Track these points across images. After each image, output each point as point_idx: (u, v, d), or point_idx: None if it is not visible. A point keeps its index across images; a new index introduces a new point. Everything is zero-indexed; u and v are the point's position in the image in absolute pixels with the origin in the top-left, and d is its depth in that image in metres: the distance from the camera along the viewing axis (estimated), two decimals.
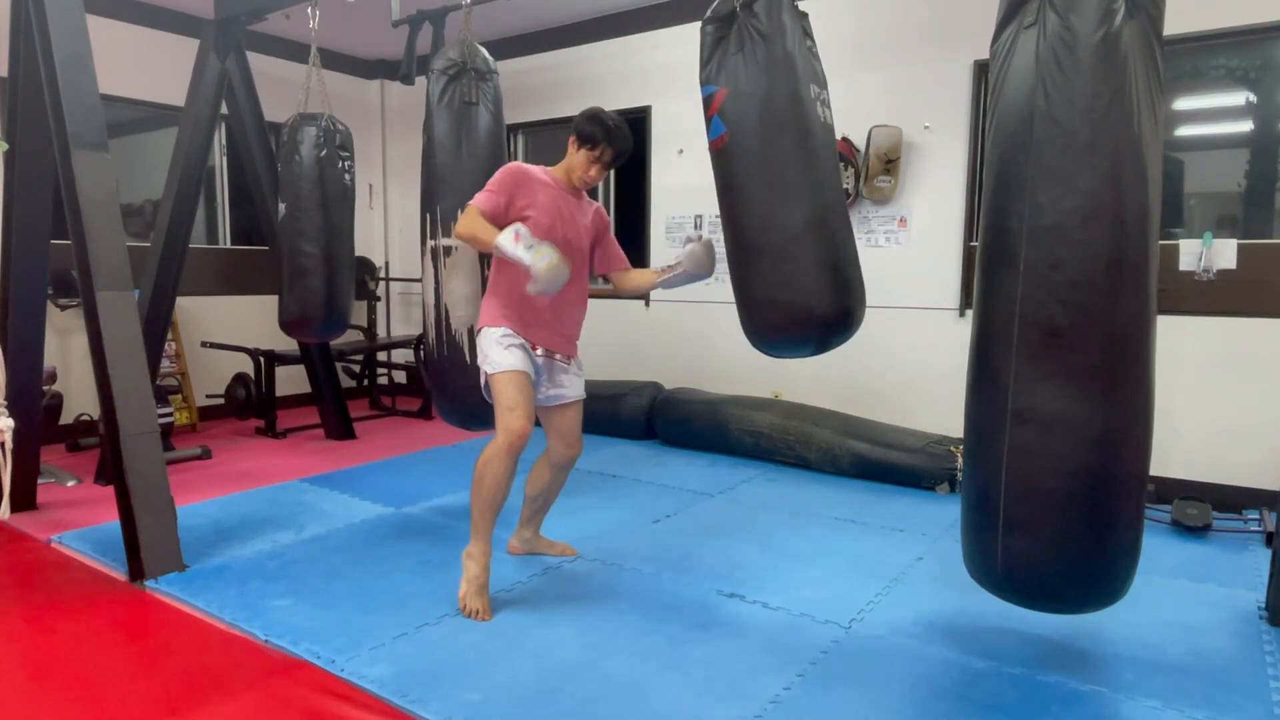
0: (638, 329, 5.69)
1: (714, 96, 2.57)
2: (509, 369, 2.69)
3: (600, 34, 5.67)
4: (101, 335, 3.01)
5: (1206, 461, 3.85)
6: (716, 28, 2.57)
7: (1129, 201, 1.87)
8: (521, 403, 2.66)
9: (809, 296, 2.53)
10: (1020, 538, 2.01)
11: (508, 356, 2.70)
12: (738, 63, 2.52)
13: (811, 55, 2.61)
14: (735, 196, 2.59)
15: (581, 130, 2.78)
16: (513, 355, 2.71)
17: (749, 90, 2.50)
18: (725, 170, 2.61)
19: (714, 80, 2.56)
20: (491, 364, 2.71)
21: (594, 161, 2.77)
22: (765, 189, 2.53)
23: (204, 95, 4.37)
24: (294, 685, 2.23)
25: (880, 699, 2.19)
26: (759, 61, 2.49)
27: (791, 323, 2.58)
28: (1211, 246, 3.77)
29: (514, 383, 2.68)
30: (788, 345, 2.68)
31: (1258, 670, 2.35)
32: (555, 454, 2.98)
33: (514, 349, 2.72)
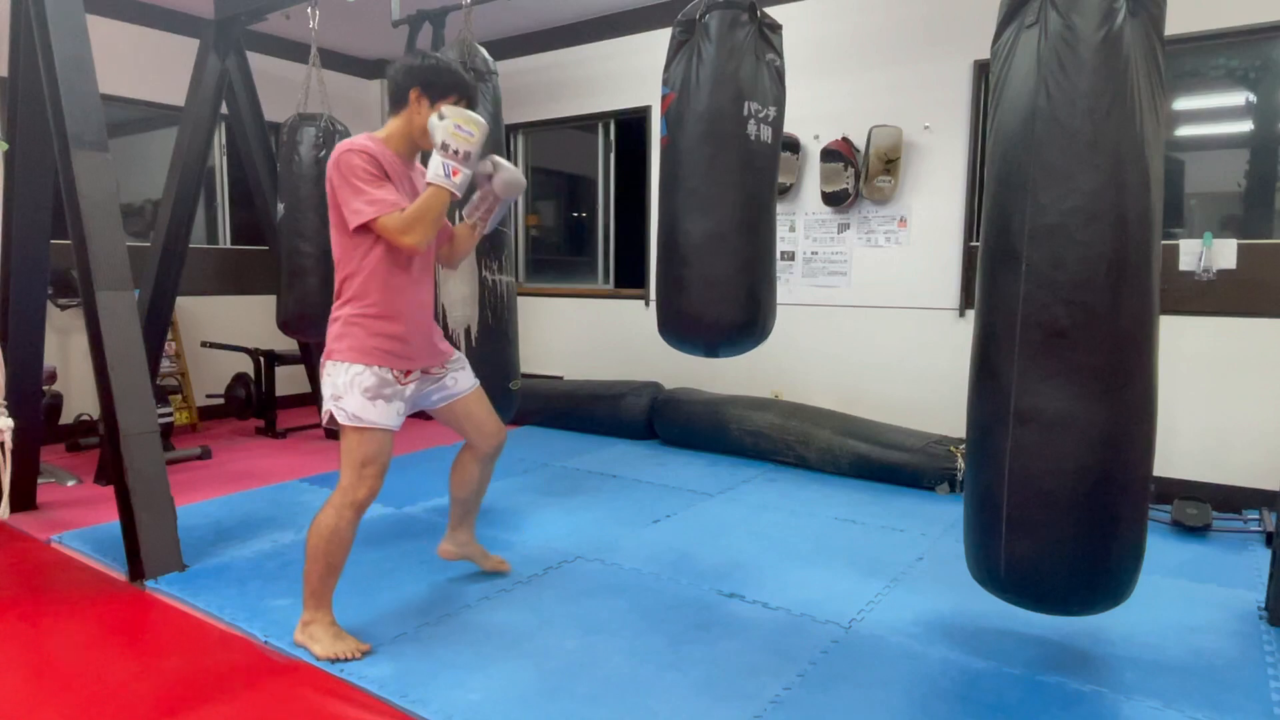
0: (638, 329, 5.69)
1: (665, 98, 2.69)
2: (371, 426, 2.34)
3: (600, 34, 5.67)
4: (101, 335, 3.01)
5: (1206, 461, 3.85)
6: (682, 30, 2.67)
7: (1131, 201, 1.87)
8: (378, 460, 2.37)
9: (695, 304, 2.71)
10: (1023, 539, 2.01)
11: (371, 411, 2.33)
12: (686, 70, 2.62)
13: (768, 71, 2.72)
14: (661, 196, 2.78)
15: (434, 81, 2.33)
16: (377, 410, 2.34)
17: (687, 98, 2.63)
18: (662, 170, 2.77)
19: (668, 82, 2.68)
20: (347, 415, 2.33)
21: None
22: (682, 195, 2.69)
23: (204, 95, 4.37)
24: (294, 685, 2.23)
25: (880, 699, 2.19)
26: (700, 74, 2.62)
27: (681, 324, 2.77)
28: (1211, 246, 3.77)
29: (374, 440, 2.36)
30: (680, 343, 2.85)
31: (1258, 670, 2.35)
32: (479, 448, 2.70)
33: (379, 402, 2.34)
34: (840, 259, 4.84)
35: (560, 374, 6.05)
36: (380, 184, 2.26)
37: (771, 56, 2.71)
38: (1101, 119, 1.86)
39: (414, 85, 2.34)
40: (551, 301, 6.11)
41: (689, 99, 2.62)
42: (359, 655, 2.36)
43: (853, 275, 4.81)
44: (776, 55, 2.74)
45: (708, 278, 2.68)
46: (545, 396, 5.61)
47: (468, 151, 2.24)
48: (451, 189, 2.24)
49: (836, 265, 4.86)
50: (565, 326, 6.04)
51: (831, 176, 4.69)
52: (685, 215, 2.68)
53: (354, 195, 2.24)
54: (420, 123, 2.34)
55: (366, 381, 2.34)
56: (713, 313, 2.70)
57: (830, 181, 4.70)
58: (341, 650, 2.35)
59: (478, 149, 2.26)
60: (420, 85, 2.34)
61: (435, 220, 2.27)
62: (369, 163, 2.25)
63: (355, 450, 2.37)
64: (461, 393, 2.62)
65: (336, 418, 2.36)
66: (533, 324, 5.95)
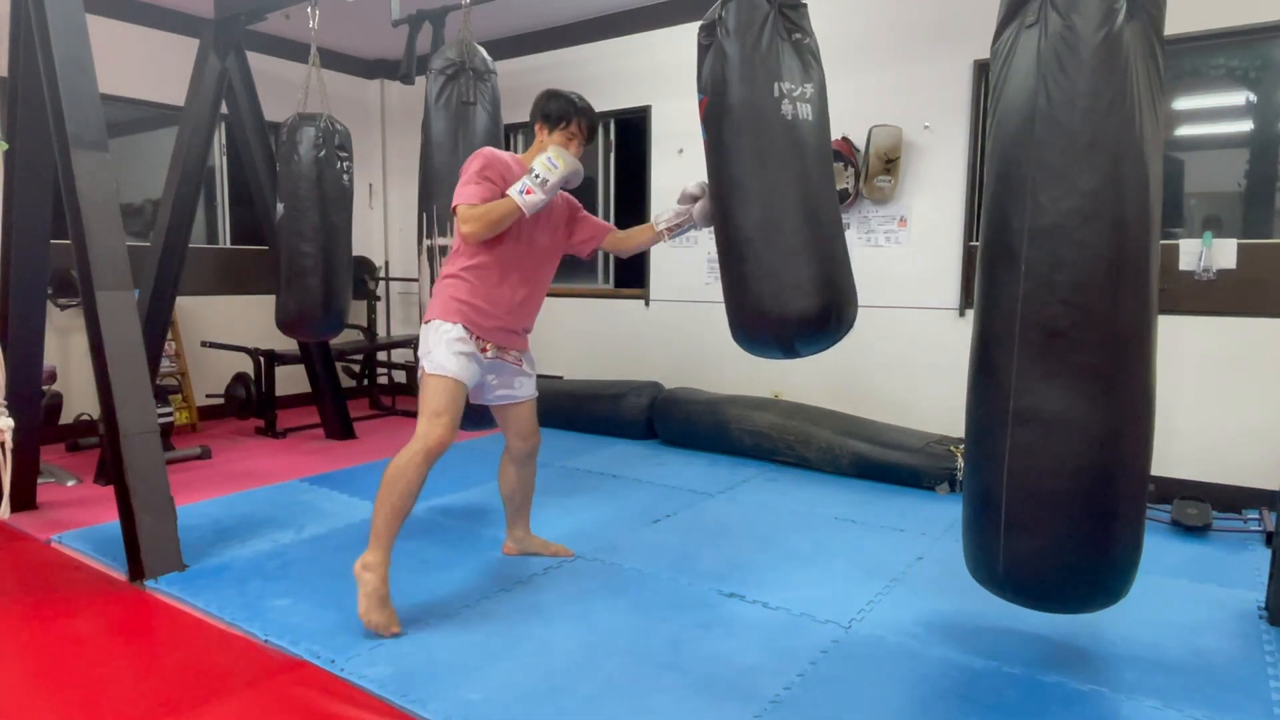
0: (638, 329, 5.69)
1: (701, 103, 2.62)
2: (449, 375, 2.58)
3: (600, 34, 5.67)
4: (101, 335, 3.01)
5: (1206, 461, 3.85)
6: (705, 35, 2.59)
7: (1130, 202, 1.87)
8: (450, 411, 2.56)
9: (759, 299, 2.47)
10: (1022, 538, 2.01)
11: (453, 362, 2.59)
12: (714, 70, 2.57)
13: (794, 50, 2.56)
14: (717, 206, 2.63)
15: (548, 111, 2.73)
16: (458, 362, 2.60)
17: (721, 98, 2.56)
18: (709, 176, 2.66)
19: (701, 89, 2.60)
20: (432, 363, 2.60)
21: (572, 139, 2.73)
22: (731, 191, 2.55)
23: (204, 95, 4.37)
24: (294, 685, 2.23)
25: (880, 699, 2.19)
26: (728, 70, 2.53)
27: (747, 323, 2.55)
28: (1211, 246, 3.77)
29: (449, 390, 2.58)
30: (756, 345, 2.61)
31: (1258, 670, 2.35)
32: (514, 449, 2.98)
33: (461, 356, 2.60)
34: None
35: (560, 374, 6.05)
36: (479, 181, 2.56)
37: (799, 35, 2.60)
38: (1101, 119, 1.85)
39: (536, 120, 2.75)
40: (551, 301, 6.07)
41: (722, 98, 2.53)
42: (387, 634, 2.47)
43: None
44: (803, 33, 2.59)
45: (767, 270, 2.46)
46: (545, 396, 5.56)
47: (546, 179, 2.54)
48: (520, 204, 2.52)
49: None
50: (565, 326, 6.04)
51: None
52: (738, 209, 2.51)
53: (460, 185, 2.60)
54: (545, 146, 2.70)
55: (451, 335, 2.60)
56: (778, 306, 2.45)
57: None
58: (376, 621, 2.48)
59: (557, 180, 2.55)
60: (540, 118, 2.75)
61: (495, 222, 2.54)
62: (487, 165, 2.58)
63: (432, 398, 2.57)
64: (521, 399, 2.91)
65: (424, 367, 2.61)
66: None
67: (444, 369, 2.58)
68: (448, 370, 2.58)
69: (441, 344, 2.60)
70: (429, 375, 2.59)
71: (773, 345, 2.55)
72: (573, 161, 2.59)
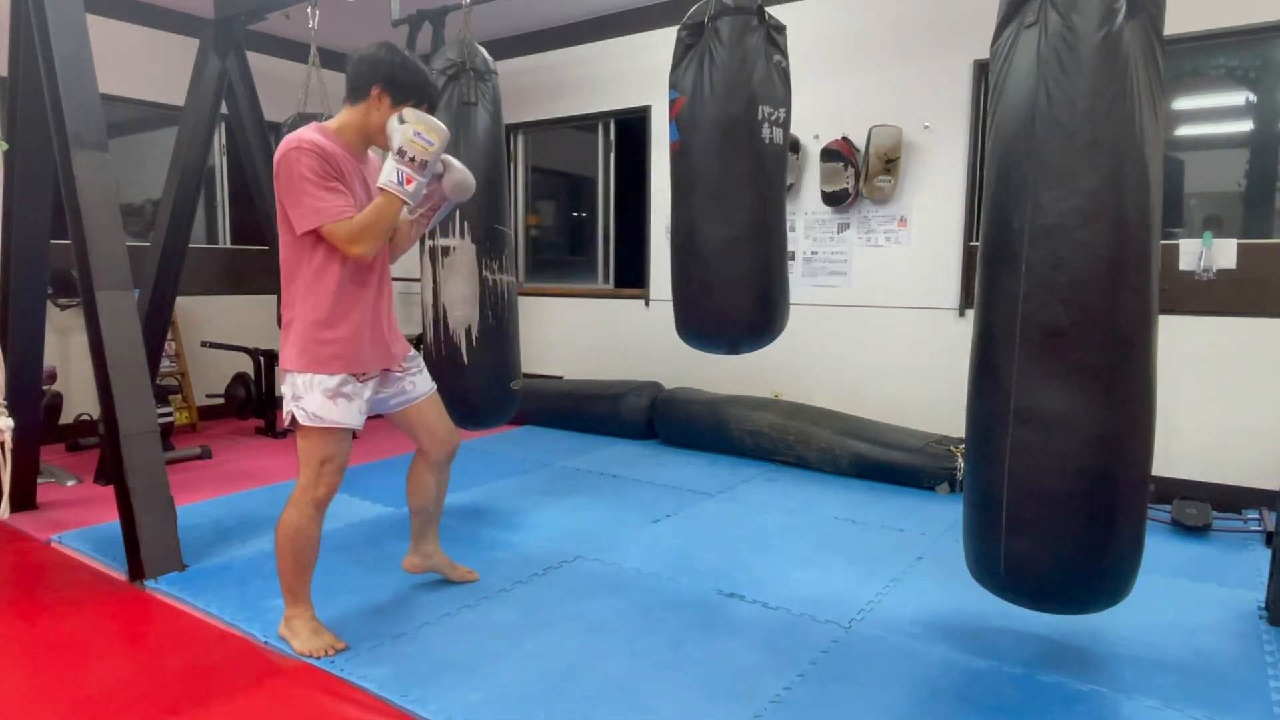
0: (638, 329, 5.69)
1: (675, 102, 2.70)
2: (329, 424, 2.31)
3: (600, 34, 5.67)
4: (101, 335, 3.01)
5: (1206, 461, 3.85)
6: (689, 34, 2.67)
7: (1130, 201, 1.87)
8: (336, 458, 2.36)
9: (718, 307, 2.78)
10: (1023, 538, 2.01)
11: (331, 410, 2.30)
12: (698, 75, 2.61)
13: (776, 74, 2.77)
14: (676, 200, 2.81)
15: (398, 79, 2.24)
16: (338, 408, 2.31)
17: (701, 104, 2.63)
18: (675, 174, 2.79)
19: (677, 86, 2.68)
20: (306, 415, 2.29)
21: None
22: (699, 200, 2.72)
23: (204, 95, 4.36)
24: (294, 685, 2.23)
25: (880, 699, 2.19)
26: (714, 79, 2.61)
27: (704, 326, 2.86)
28: (1211, 246, 3.77)
29: (331, 439, 2.33)
30: (702, 343, 2.94)
31: (1258, 670, 2.35)
32: (433, 453, 2.66)
33: (339, 399, 2.31)
34: (840, 259, 4.84)
35: (560, 374, 6.05)
36: (329, 186, 2.17)
37: (778, 58, 2.72)
38: (1101, 119, 1.86)
39: (377, 82, 2.24)
40: (551, 301, 6.11)
41: (702, 104, 2.63)
42: (333, 653, 2.38)
43: (853, 275, 4.81)
44: (783, 56, 2.76)
45: (729, 281, 2.76)
46: (545, 396, 5.61)
47: (424, 160, 2.17)
48: (404, 197, 2.18)
49: (836, 265, 4.86)
50: (565, 326, 6.04)
51: (831, 176, 4.69)
52: (705, 220, 2.73)
53: (301, 199, 2.16)
54: (377, 120, 2.26)
55: (326, 383, 2.30)
56: (735, 314, 2.79)
57: (830, 181, 4.70)
58: (316, 646, 2.38)
59: (435, 158, 2.20)
60: (383, 82, 2.24)
61: (386, 230, 2.21)
62: (318, 162, 2.16)
63: (315, 449, 2.34)
64: (418, 397, 2.58)
65: (297, 418, 2.31)
66: (533, 324, 5.95)
67: (322, 419, 2.30)
68: (327, 420, 2.30)
69: (315, 391, 2.29)
70: (307, 429, 2.31)
71: (722, 346, 2.93)
72: (441, 129, 2.18)
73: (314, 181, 2.16)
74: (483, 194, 3.32)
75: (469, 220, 3.32)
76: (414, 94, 2.27)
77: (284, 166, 2.18)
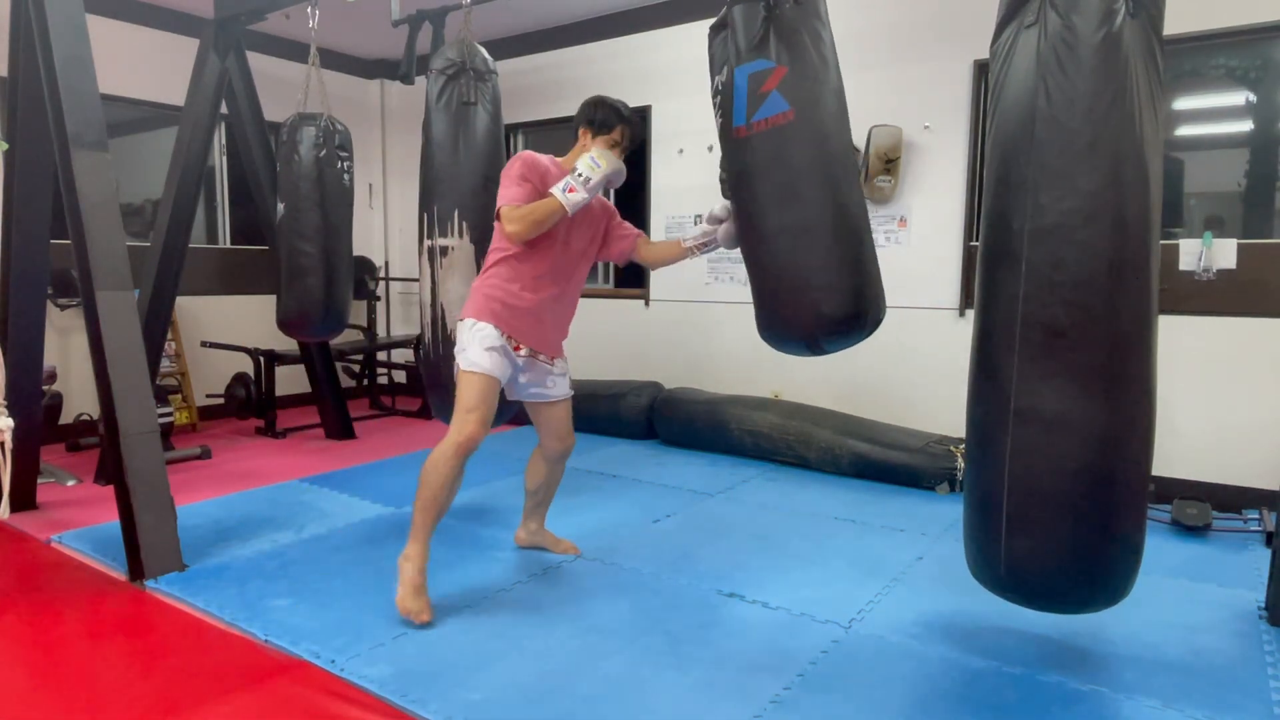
0: (638, 329, 5.69)
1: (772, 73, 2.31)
2: (482, 371, 2.63)
3: (600, 34, 5.67)
4: (101, 335, 3.01)
5: (1206, 461, 3.85)
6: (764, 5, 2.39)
7: (1130, 202, 1.87)
8: (482, 408, 2.61)
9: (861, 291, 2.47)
10: (1023, 538, 2.01)
11: (485, 359, 2.63)
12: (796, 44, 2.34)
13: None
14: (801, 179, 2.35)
15: (594, 117, 2.78)
16: (491, 358, 2.64)
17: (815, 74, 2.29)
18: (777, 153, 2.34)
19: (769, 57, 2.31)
20: (467, 360, 2.65)
21: (614, 145, 2.78)
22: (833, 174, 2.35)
23: (204, 95, 4.37)
24: (294, 685, 2.23)
25: (880, 699, 2.19)
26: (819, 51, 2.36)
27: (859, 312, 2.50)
28: (1211, 246, 3.77)
29: (481, 386, 2.63)
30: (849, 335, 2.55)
31: (1258, 670, 2.35)
32: (548, 448, 3.01)
33: (493, 352, 2.65)
34: None
35: None
36: (519, 183, 2.62)
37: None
38: (1101, 119, 1.85)
39: (581, 124, 2.80)
40: None
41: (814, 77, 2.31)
42: (418, 620, 2.53)
43: None
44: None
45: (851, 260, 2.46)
46: None
47: (589, 178, 2.60)
48: (564, 202, 2.58)
49: None
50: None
51: None
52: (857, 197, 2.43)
53: (503, 189, 2.65)
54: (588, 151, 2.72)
55: (483, 332, 2.65)
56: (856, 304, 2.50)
57: None
58: (410, 608, 2.55)
59: (600, 179, 2.61)
60: (585, 123, 2.80)
61: (539, 221, 2.59)
62: (526, 167, 2.65)
63: (465, 393, 2.62)
64: (555, 398, 2.93)
65: (458, 364, 2.65)
66: None
67: (476, 365, 2.62)
68: (480, 366, 2.62)
69: (475, 341, 2.65)
70: (463, 372, 2.64)
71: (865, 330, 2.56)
72: (615, 161, 2.65)
73: (513, 178, 2.65)
74: (481, 193, 3.32)
75: (467, 220, 3.31)
76: (606, 125, 2.78)
77: (506, 167, 2.71)
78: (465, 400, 2.62)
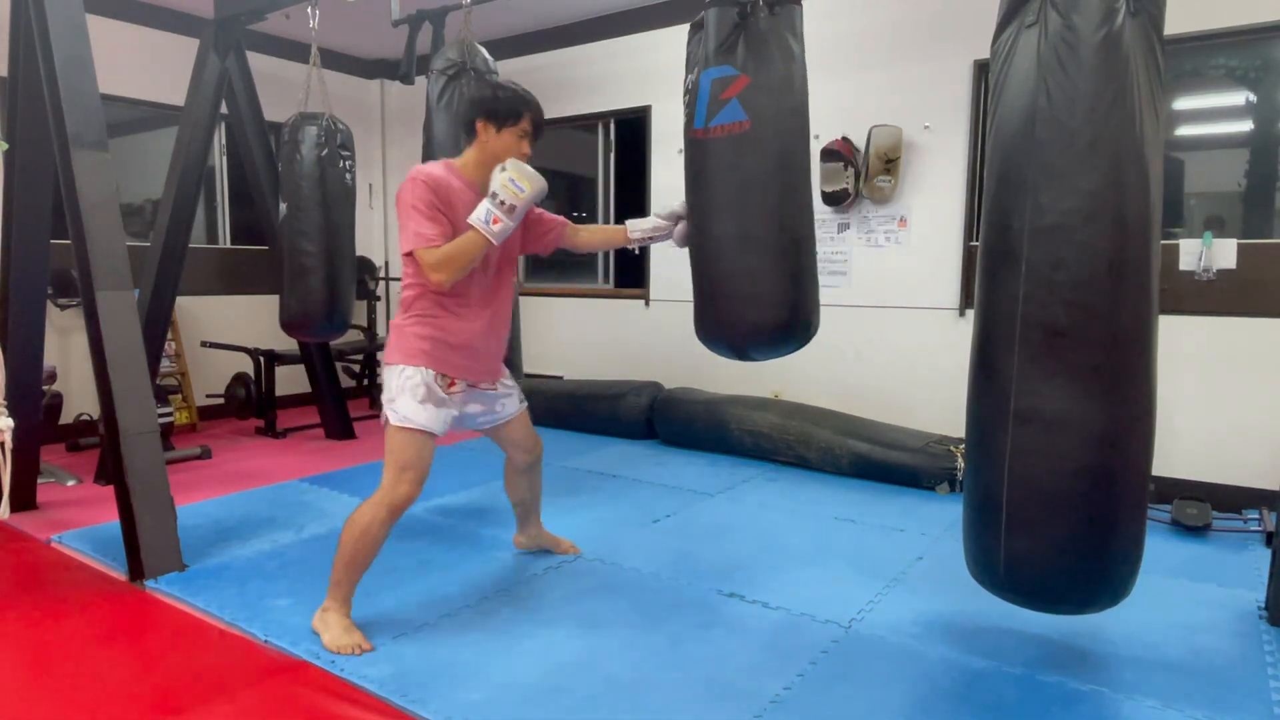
0: (638, 329, 5.69)
1: (734, 80, 2.38)
2: (417, 428, 2.41)
3: (600, 34, 5.67)
4: (101, 335, 3.01)
5: (1206, 461, 3.85)
6: (737, 12, 2.43)
7: (1131, 202, 1.87)
8: (418, 466, 2.43)
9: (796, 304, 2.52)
10: (1023, 538, 2.01)
11: (420, 413, 2.41)
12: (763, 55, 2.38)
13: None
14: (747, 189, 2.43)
15: (495, 108, 2.44)
16: (425, 412, 2.41)
17: (777, 87, 2.38)
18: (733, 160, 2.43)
19: (734, 65, 2.38)
20: (397, 414, 2.41)
21: (523, 137, 2.49)
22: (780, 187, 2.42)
23: (204, 95, 4.37)
24: (294, 685, 2.23)
25: (880, 699, 2.19)
26: (786, 65, 2.39)
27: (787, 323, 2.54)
28: (1211, 246, 3.77)
29: (417, 443, 2.42)
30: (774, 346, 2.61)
31: (1258, 670, 2.35)
32: (517, 461, 2.89)
33: (427, 405, 2.42)
34: (840, 259, 4.84)
35: (560, 374, 6.05)
36: (431, 216, 2.33)
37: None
38: (1101, 119, 1.85)
39: (478, 116, 2.46)
40: (551, 301, 6.11)
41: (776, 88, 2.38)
42: (359, 652, 2.38)
43: (853, 275, 4.81)
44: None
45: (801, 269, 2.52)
46: (545, 396, 5.60)
47: (513, 205, 2.32)
48: (489, 236, 2.31)
49: (836, 265, 4.85)
50: (565, 326, 6.04)
51: (831, 176, 4.69)
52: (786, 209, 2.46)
53: (406, 223, 2.36)
54: (494, 148, 2.46)
55: (417, 386, 2.42)
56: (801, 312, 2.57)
57: (830, 181, 4.70)
58: (345, 644, 2.40)
59: (524, 205, 2.34)
60: (484, 115, 2.46)
61: (467, 263, 2.35)
62: (428, 192, 2.34)
63: (398, 451, 2.43)
64: (506, 418, 2.76)
65: (389, 418, 2.44)
66: (533, 324, 5.95)
67: (410, 421, 2.41)
68: (414, 422, 2.41)
69: (406, 391, 2.42)
70: (394, 429, 2.42)
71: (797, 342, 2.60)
72: (537, 180, 2.35)
73: (421, 209, 2.33)
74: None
75: None
76: (512, 114, 2.46)
77: (400, 194, 2.39)
78: (400, 459, 2.41)
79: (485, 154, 2.48)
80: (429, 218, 2.33)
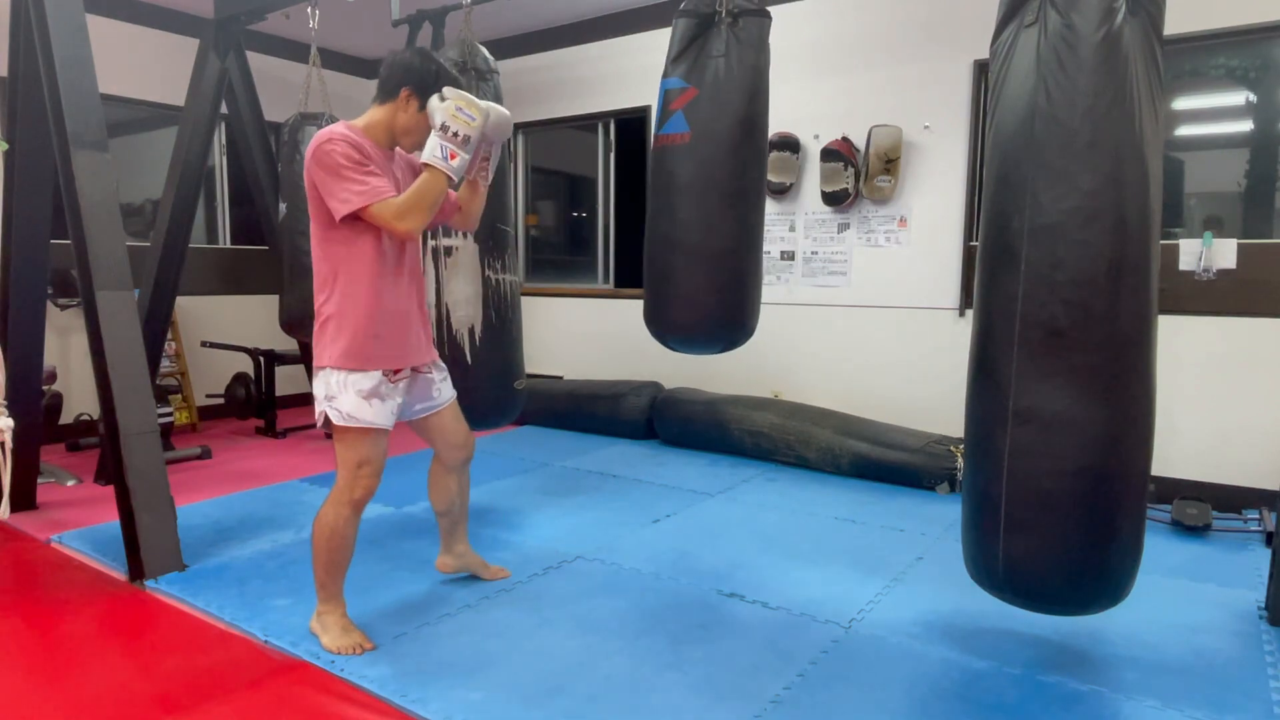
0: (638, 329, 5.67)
1: (682, 92, 2.57)
2: (365, 424, 2.32)
3: (600, 34, 5.67)
4: (101, 335, 3.01)
5: (1206, 461, 3.85)
6: (696, 24, 2.56)
7: (1130, 201, 1.87)
8: (373, 459, 2.36)
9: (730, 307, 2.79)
10: (1022, 538, 2.01)
11: (365, 409, 2.31)
12: (714, 68, 2.53)
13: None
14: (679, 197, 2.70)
15: (429, 85, 2.27)
16: (371, 408, 2.32)
17: (722, 101, 2.53)
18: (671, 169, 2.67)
19: (685, 77, 2.58)
20: (340, 415, 2.30)
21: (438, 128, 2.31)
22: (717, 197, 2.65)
23: (204, 95, 4.37)
24: (294, 685, 2.23)
25: (880, 699, 2.19)
26: (740, 77, 2.52)
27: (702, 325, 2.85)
28: (1211, 246, 3.77)
29: (368, 440, 2.34)
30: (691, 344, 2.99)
31: (1258, 670, 2.35)
32: (448, 458, 2.68)
33: (373, 399, 2.32)
34: (840, 259, 4.84)
35: (560, 374, 6.05)
36: (368, 171, 2.19)
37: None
38: (1101, 118, 1.85)
39: (408, 85, 2.28)
40: (551, 301, 6.11)
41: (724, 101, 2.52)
42: (360, 651, 2.38)
43: (853, 275, 4.81)
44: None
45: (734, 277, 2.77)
46: (545, 396, 5.61)
47: (467, 135, 2.19)
48: (449, 172, 2.20)
49: (836, 265, 4.86)
50: (565, 326, 6.04)
51: (831, 176, 4.69)
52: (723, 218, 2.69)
53: (342, 184, 2.16)
54: (404, 122, 2.30)
55: (360, 382, 2.32)
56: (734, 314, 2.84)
57: (830, 181, 4.70)
58: (345, 644, 2.39)
59: (478, 134, 2.22)
60: (413, 86, 2.28)
61: (432, 205, 2.21)
62: (352, 149, 2.18)
63: (350, 450, 2.36)
64: (442, 404, 2.59)
65: (331, 418, 2.33)
66: (533, 324, 5.95)
67: (356, 419, 2.31)
68: (360, 420, 2.31)
69: (347, 390, 2.30)
70: (342, 429, 2.33)
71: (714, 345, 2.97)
72: (493, 108, 2.21)
73: (351, 167, 2.17)
74: None
75: None
76: (442, 85, 2.29)
77: (318, 158, 2.19)
78: (355, 455, 2.34)
79: (396, 124, 2.31)
80: (366, 172, 2.18)
